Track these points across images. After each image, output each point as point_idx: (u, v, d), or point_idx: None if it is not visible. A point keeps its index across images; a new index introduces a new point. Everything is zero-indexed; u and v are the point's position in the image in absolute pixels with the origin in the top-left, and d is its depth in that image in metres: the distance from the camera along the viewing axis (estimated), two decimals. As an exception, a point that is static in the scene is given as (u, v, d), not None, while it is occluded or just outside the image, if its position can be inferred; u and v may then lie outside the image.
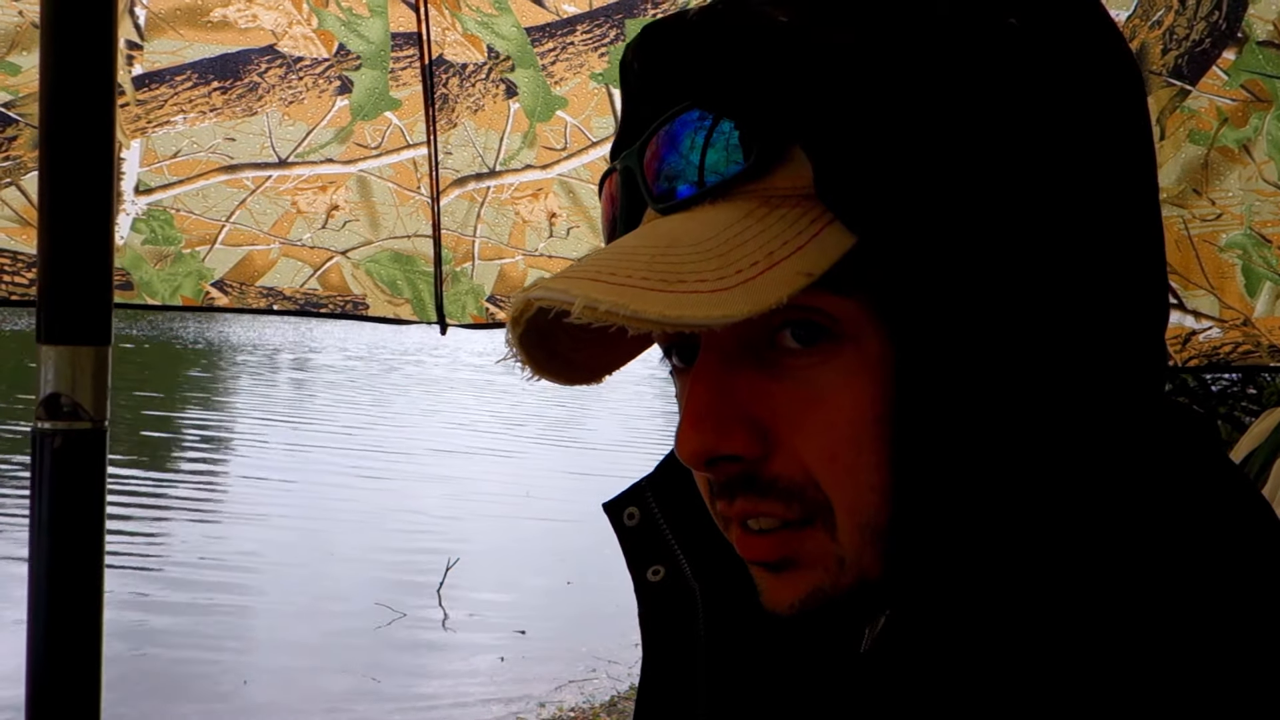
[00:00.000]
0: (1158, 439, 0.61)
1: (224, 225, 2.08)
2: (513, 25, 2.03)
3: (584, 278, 0.55)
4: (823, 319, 0.58)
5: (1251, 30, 2.04)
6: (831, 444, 0.59)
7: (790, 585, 0.63)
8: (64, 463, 1.43)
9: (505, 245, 2.20)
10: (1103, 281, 0.58)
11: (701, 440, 0.60)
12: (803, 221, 0.57)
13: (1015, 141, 0.56)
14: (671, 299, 0.54)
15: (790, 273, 0.55)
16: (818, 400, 0.59)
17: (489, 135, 2.12)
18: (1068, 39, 0.59)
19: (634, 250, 0.58)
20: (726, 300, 0.54)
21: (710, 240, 0.57)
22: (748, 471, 0.61)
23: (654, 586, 0.77)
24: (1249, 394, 6.32)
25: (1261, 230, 2.21)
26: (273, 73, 2.01)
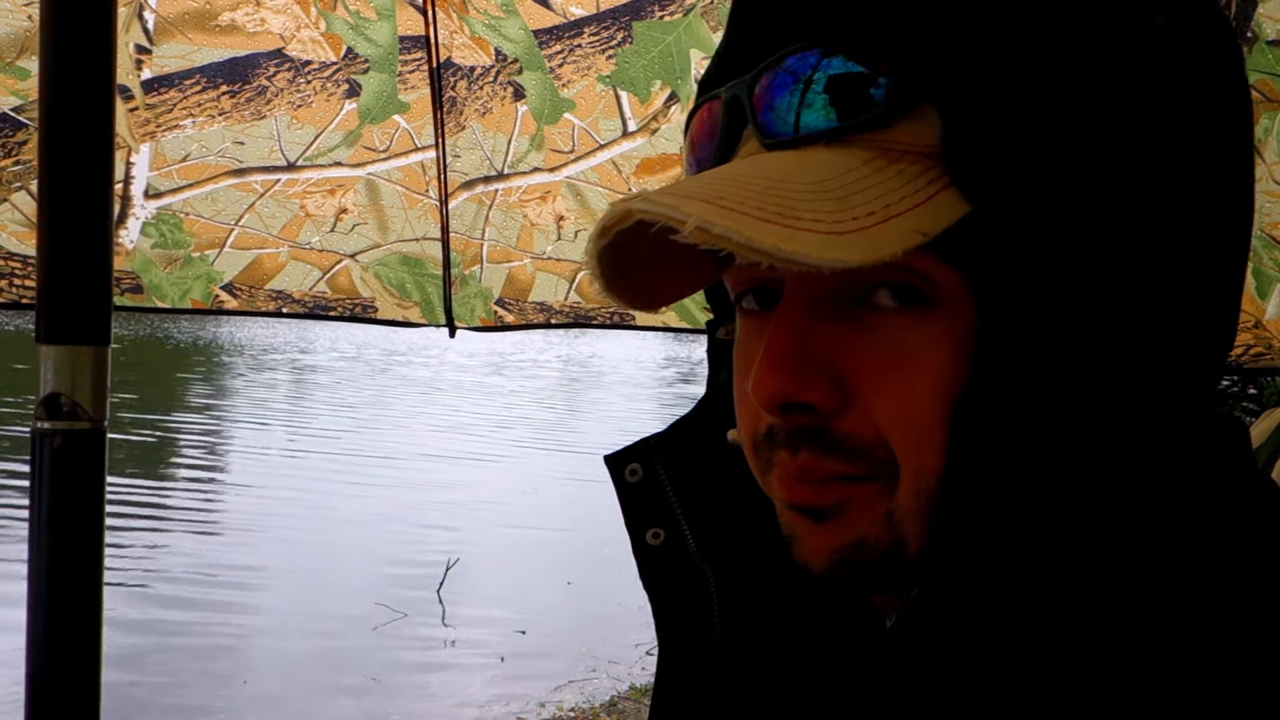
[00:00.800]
0: (1204, 446, 0.61)
1: (233, 229, 2.07)
2: (520, 28, 2.03)
3: (693, 197, 0.54)
4: (922, 283, 0.58)
5: (1261, 30, 2.04)
6: (910, 406, 0.58)
7: (833, 533, 0.62)
8: (64, 462, 1.43)
9: (513, 248, 2.19)
10: (1189, 294, 0.58)
11: (780, 384, 0.59)
12: (921, 180, 0.56)
13: (1141, 138, 0.56)
14: (787, 234, 0.52)
15: (905, 229, 0.54)
16: (904, 361, 0.58)
17: (497, 138, 2.12)
18: (1201, 46, 0.59)
19: (744, 179, 0.56)
20: (842, 244, 0.53)
21: (827, 183, 0.56)
22: (818, 425, 0.60)
23: (653, 550, 0.76)
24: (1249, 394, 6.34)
25: (1272, 232, 2.22)
26: (281, 76, 2.00)
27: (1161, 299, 0.57)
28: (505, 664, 6.64)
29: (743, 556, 0.75)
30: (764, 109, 0.61)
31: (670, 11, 2.03)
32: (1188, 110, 0.57)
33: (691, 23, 2.03)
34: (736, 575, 0.75)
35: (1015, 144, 0.54)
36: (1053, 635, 0.56)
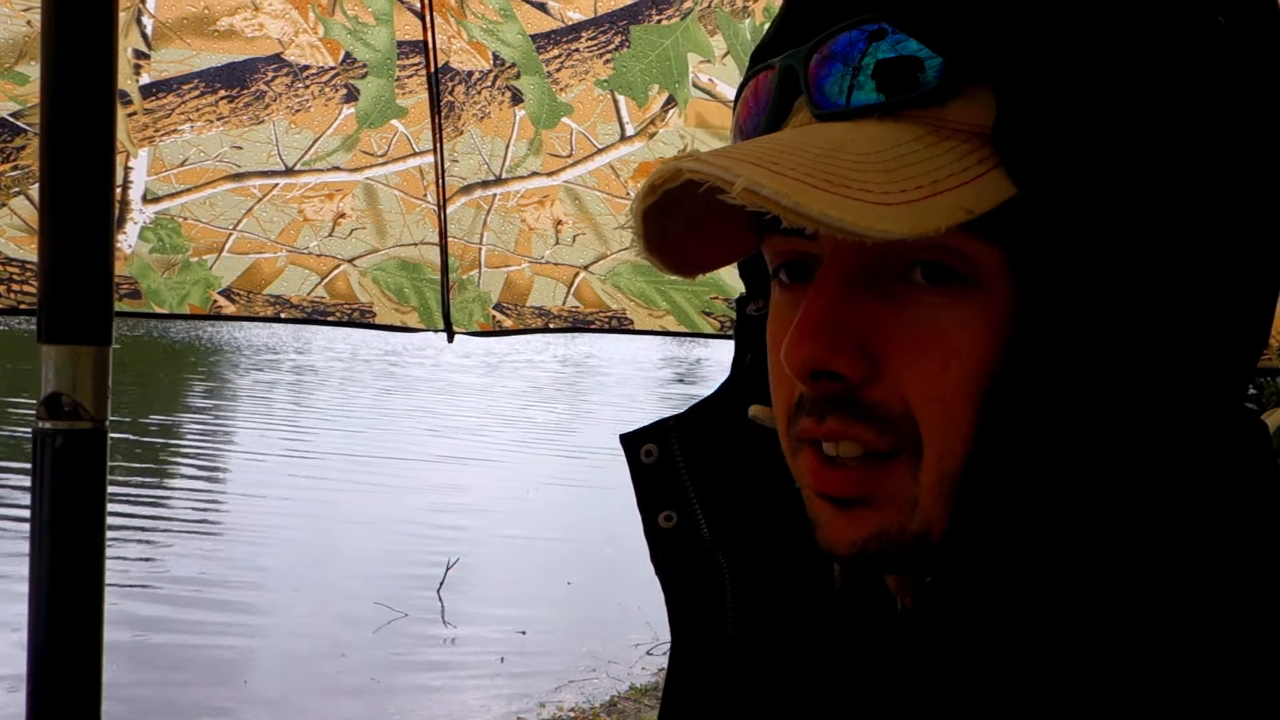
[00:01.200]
0: (1228, 443, 0.61)
1: (231, 233, 2.08)
2: (518, 32, 2.03)
3: (745, 160, 0.54)
4: (961, 262, 0.58)
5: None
6: (940, 385, 0.59)
7: (857, 523, 0.62)
8: (65, 462, 1.43)
9: (511, 253, 2.20)
10: (1228, 292, 0.58)
11: (813, 349, 0.60)
12: (970, 159, 0.56)
13: (1194, 135, 0.56)
14: (835, 200, 0.53)
15: (952, 205, 0.54)
16: (936, 340, 0.59)
17: (495, 143, 2.12)
18: (1262, 51, 0.59)
19: (797, 146, 0.57)
20: (889, 215, 0.53)
21: (877, 155, 0.56)
22: (846, 392, 0.61)
23: (665, 534, 0.76)
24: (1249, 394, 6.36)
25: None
26: (279, 81, 2.01)
27: (1200, 296, 0.57)
28: (505, 664, 6.64)
29: (756, 541, 0.75)
30: (819, 80, 0.61)
31: (668, 16, 2.03)
32: (1242, 112, 0.57)
33: (689, 27, 2.03)
34: (749, 560, 0.75)
35: (1067, 130, 0.54)
36: (1070, 625, 0.57)
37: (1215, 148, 0.56)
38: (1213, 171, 0.56)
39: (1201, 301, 0.57)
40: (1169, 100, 0.55)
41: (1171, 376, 0.57)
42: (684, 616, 0.77)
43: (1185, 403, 0.58)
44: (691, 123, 2.09)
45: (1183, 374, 0.58)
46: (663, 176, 0.56)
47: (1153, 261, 0.56)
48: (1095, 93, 0.55)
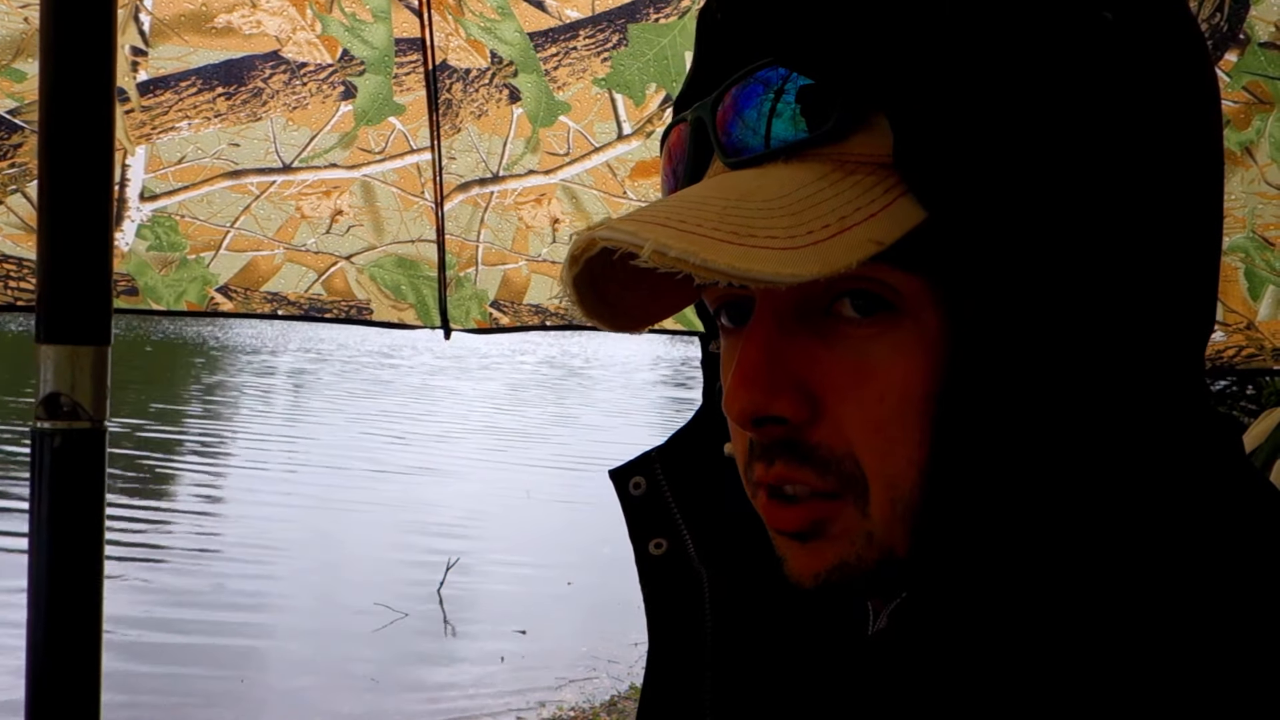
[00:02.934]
0: (1192, 445, 0.61)
1: (228, 231, 2.08)
2: (515, 30, 2.03)
3: (653, 222, 0.55)
4: (885, 291, 0.58)
5: (1254, 32, 2.04)
6: (878, 416, 0.59)
7: (817, 556, 0.63)
8: (64, 462, 1.43)
9: (509, 251, 2.20)
10: (1160, 285, 0.58)
11: (751, 398, 0.60)
12: (876, 190, 0.57)
13: (1096, 135, 0.56)
14: (741, 252, 0.54)
15: (861, 239, 0.55)
16: (870, 371, 0.59)
17: (492, 140, 2.12)
18: (1157, 39, 0.59)
19: (704, 200, 0.58)
20: (796, 259, 0.54)
21: (783, 199, 0.57)
22: (790, 436, 0.61)
23: (655, 560, 0.77)
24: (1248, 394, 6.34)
25: (1264, 234, 2.22)
26: (277, 78, 2.01)
27: (1126, 289, 0.57)
28: (505, 664, 6.64)
29: (741, 565, 0.75)
30: (725, 130, 0.62)
31: (665, 14, 2.03)
32: (1143, 105, 0.57)
33: (687, 25, 2.03)
34: (734, 583, 0.76)
35: (965, 145, 0.55)
36: (1042, 638, 0.56)
37: (1117, 143, 0.56)
38: (1118, 168, 0.56)
39: (1129, 298, 0.57)
40: (1061, 101, 0.55)
41: (1111, 379, 0.57)
42: (664, 634, 0.78)
43: (1131, 402, 0.58)
44: (689, 121, 2.09)
45: (1122, 373, 0.57)
46: (580, 247, 0.57)
47: (1073, 266, 0.56)
48: (986, 103, 0.55)
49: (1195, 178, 0.60)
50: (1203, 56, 0.61)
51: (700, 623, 0.76)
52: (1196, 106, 0.60)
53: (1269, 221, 2.22)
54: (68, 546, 1.44)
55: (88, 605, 1.45)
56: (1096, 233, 0.56)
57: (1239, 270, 2.24)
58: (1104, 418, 0.57)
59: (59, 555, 1.44)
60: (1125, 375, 0.57)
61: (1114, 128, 0.56)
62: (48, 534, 1.43)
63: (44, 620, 1.43)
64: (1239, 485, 0.61)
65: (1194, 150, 0.60)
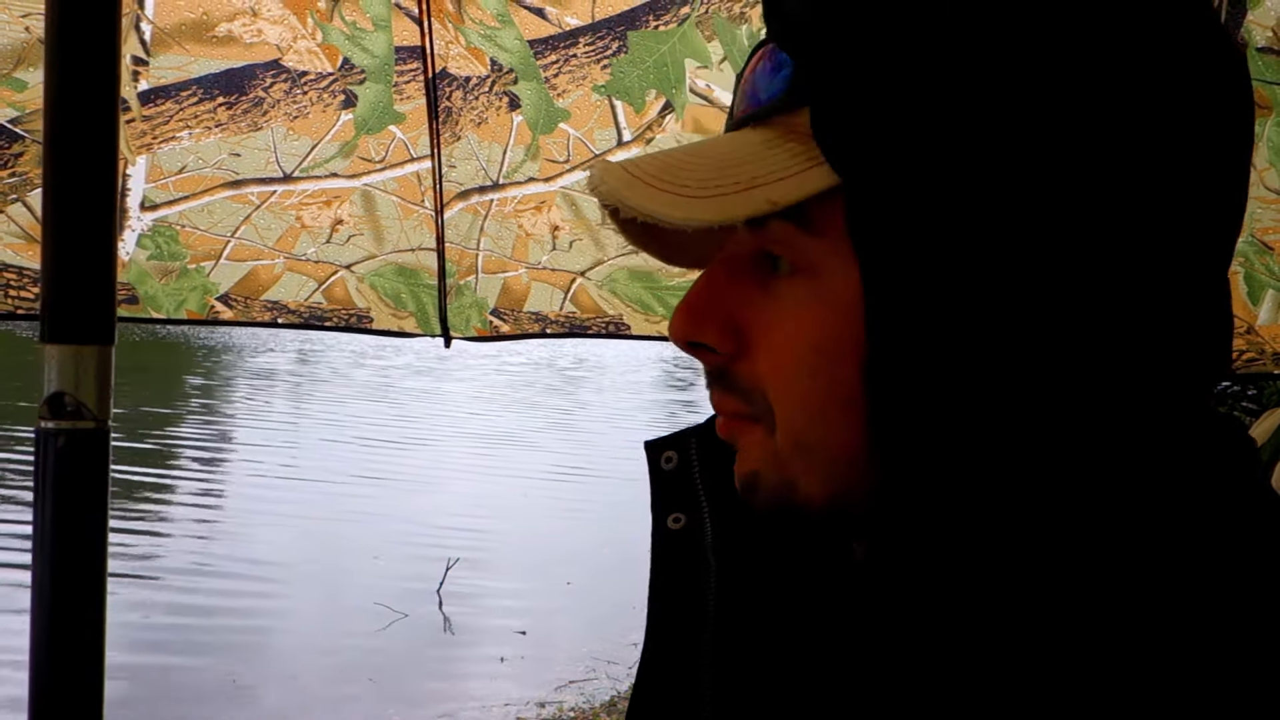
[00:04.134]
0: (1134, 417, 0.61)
1: (229, 241, 2.08)
2: (515, 38, 2.04)
3: (622, 166, 0.64)
4: (794, 252, 0.64)
5: (1251, 37, 2.05)
6: (783, 361, 0.65)
7: (740, 463, 0.70)
8: (68, 461, 1.43)
9: (508, 258, 2.20)
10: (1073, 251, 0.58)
11: (684, 322, 0.68)
12: (800, 157, 0.61)
13: (1002, 106, 0.57)
14: (653, 194, 0.62)
15: (758, 198, 0.61)
16: (782, 320, 0.65)
17: (492, 148, 2.12)
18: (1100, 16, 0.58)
19: (675, 152, 0.65)
20: (696, 206, 0.61)
21: (723, 156, 0.64)
22: (721, 365, 0.68)
23: (672, 535, 0.80)
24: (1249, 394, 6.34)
25: (1263, 238, 2.22)
26: (277, 88, 2.01)
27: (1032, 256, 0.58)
28: (505, 664, 6.65)
29: (754, 549, 0.78)
30: (741, 92, 0.69)
31: (665, 22, 2.03)
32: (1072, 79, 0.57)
33: (686, 32, 2.04)
34: (744, 566, 0.78)
35: (873, 112, 0.58)
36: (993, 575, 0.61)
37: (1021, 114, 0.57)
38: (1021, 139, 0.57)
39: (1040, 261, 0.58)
40: (978, 70, 0.57)
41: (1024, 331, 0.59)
42: (667, 608, 0.81)
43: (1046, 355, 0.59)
44: (688, 128, 2.10)
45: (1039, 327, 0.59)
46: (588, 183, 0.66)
47: (960, 236, 0.58)
48: (897, 78, 0.58)
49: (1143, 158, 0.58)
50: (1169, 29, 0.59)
51: (704, 601, 0.78)
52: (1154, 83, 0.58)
53: (1268, 226, 2.23)
54: (72, 545, 1.44)
55: (91, 604, 1.45)
56: (985, 205, 0.57)
57: (1239, 275, 2.25)
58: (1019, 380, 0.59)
59: (63, 554, 1.44)
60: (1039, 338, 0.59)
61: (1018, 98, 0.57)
62: (51, 533, 1.43)
63: (48, 618, 1.44)
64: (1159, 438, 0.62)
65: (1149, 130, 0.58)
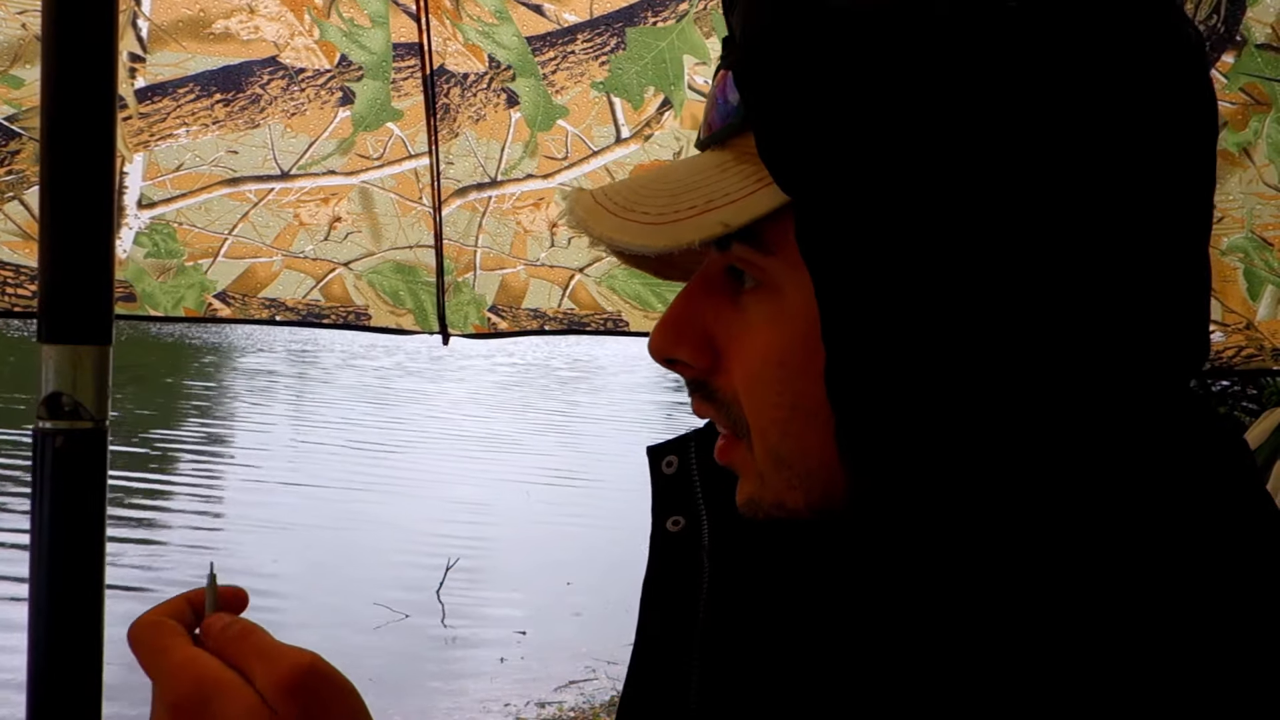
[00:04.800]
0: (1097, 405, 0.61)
1: (226, 238, 2.07)
2: (513, 34, 2.03)
3: (590, 193, 0.67)
4: (753, 270, 0.66)
5: (1250, 33, 2.05)
6: (750, 373, 0.67)
7: (740, 490, 0.71)
8: (65, 462, 1.43)
9: (507, 255, 2.20)
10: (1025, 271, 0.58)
11: (659, 340, 0.70)
12: (751, 179, 0.63)
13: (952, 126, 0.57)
14: (616, 223, 0.65)
15: (711, 222, 0.63)
16: (748, 334, 0.67)
17: (490, 145, 2.12)
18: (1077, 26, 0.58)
19: (640, 179, 0.68)
20: (652, 233, 0.64)
21: (680, 181, 0.66)
22: (698, 378, 0.70)
23: (670, 536, 0.81)
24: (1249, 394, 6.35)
25: (1263, 234, 2.22)
26: (275, 84, 2.00)
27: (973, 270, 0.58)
28: (505, 664, 6.65)
29: (748, 551, 0.78)
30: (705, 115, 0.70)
31: (664, 18, 2.03)
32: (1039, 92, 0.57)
33: (685, 29, 2.04)
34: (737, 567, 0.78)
35: (813, 132, 0.59)
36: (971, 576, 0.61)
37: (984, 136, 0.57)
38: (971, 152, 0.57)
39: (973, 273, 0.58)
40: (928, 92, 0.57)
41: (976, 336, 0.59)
42: (659, 609, 0.82)
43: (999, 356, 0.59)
44: (687, 125, 2.10)
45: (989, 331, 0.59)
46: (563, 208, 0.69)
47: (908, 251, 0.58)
48: (835, 97, 0.58)
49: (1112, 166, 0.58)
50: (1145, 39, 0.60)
51: (694, 603, 0.79)
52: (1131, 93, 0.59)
53: (1267, 221, 2.22)
54: (69, 545, 1.44)
55: (89, 604, 1.45)
56: (935, 219, 0.58)
57: (1238, 270, 2.24)
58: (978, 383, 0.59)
59: (60, 554, 1.44)
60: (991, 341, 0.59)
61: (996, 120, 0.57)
62: (49, 533, 1.43)
63: (45, 619, 1.44)
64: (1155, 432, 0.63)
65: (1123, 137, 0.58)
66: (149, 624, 0.73)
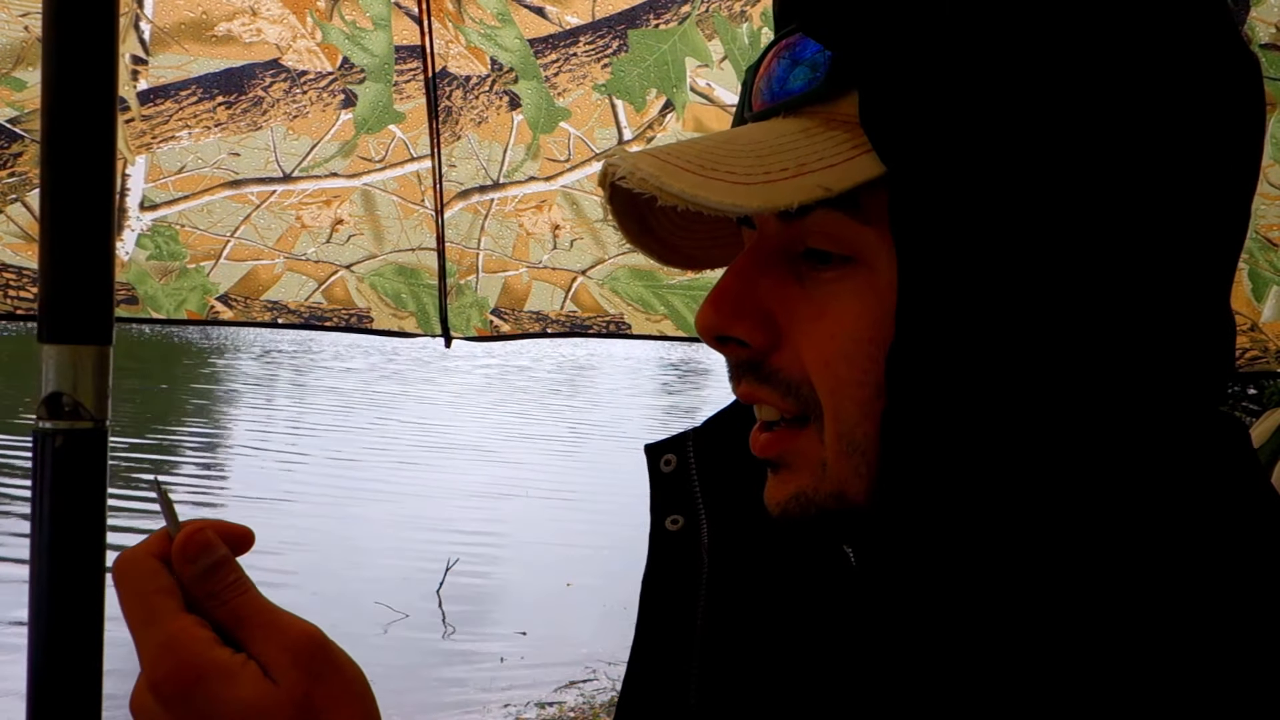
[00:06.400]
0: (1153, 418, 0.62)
1: (229, 240, 2.07)
2: (515, 37, 2.03)
3: (650, 154, 0.62)
4: (840, 242, 0.63)
5: (1254, 33, 2.04)
6: (827, 353, 0.63)
7: (781, 485, 0.68)
8: (65, 462, 1.43)
9: (509, 258, 2.19)
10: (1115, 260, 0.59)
11: (715, 317, 0.66)
12: (845, 145, 0.61)
13: (1063, 104, 0.57)
14: (697, 180, 0.60)
15: (810, 184, 0.60)
16: (824, 310, 0.64)
17: (492, 147, 2.12)
18: (1157, 20, 0.59)
19: (705, 141, 0.64)
20: (743, 192, 0.60)
21: (761, 144, 0.62)
22: (754, 358, 0.67)
23: (669, 535, 0.80)
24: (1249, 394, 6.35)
25: (1267, 234, 2.22)
26: (277, 87, 2.00)
27: (1071, 260, 0.58)
28: (505, 664, 6.65)
29: (748, 548, 0.78)
30: (757, 87, 0.68)
31: (665, 20, 2.03)
32: (1121, 72, 0.58)
33: (687, 31, 2.03)
34: (737, 563, 0.78)
35: (922, 102, 0.58)
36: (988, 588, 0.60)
37: (1076, 111, 0.57)
38: (1072, 139, 0.57)
39: (1073, 264, 0.58)
40: (1030, 63, 0.57)
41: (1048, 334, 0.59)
42: (658, 608, 0.81)
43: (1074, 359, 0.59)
44: (689, 127, 2.09)
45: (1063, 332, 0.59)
46: (601, 175, 0.65)
47: (1014, 230, 0.57)
48: (951, 61, 0.58)
49: (1185, 152, 0.59)
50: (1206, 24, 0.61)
51: (694, 600, 0.79)
52: (1184, 81, 0.59)
53: (1272, 222, 2.22)
54: (69, 546, 1.44)
55: (89, 604, 1.45)
56: (1042, 201, 0.57)
57: (1243, 271, 2.24)
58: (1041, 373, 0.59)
59: (61, 555, 1.44)
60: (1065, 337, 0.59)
61: (1085, 97, 0.57)
62: (49, 533, 1.43)
63: (46, 619, 1.43)
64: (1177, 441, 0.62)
65: (1188, 123, 0.59)
66: (133, 567, 0.66)
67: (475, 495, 11.07)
